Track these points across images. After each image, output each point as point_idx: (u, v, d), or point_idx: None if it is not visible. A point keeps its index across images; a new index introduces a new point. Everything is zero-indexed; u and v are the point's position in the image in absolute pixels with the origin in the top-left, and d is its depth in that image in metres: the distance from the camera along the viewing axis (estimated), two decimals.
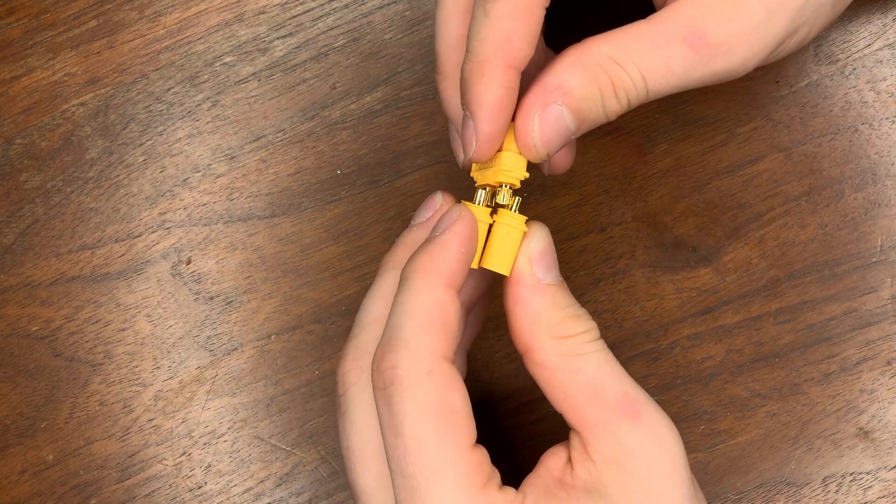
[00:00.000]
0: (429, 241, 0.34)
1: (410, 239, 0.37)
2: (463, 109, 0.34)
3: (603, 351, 0.34)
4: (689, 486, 0.33)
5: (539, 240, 0.35)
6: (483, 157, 0.34)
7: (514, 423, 0.44)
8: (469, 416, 0.32)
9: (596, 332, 0.34)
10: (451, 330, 0.32)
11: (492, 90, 0.33)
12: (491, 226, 0.35)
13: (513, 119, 0.35)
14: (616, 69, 0.33)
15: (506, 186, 0.35)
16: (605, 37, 0.34)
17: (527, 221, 0.35)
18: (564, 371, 0.33)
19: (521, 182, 0.36)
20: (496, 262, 0.35)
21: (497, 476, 0.33)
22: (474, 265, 0.35)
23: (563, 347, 0.34)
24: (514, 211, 0.35)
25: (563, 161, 0.38)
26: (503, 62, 0.33)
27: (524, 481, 0.34)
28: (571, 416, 0.34)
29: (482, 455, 0.32)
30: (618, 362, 0.34)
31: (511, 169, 0.35)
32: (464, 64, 0.34)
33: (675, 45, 0.33)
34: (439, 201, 0.38)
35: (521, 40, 0.33)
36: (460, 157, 0.37)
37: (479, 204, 0.35)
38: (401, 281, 0.33)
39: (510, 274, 0.35)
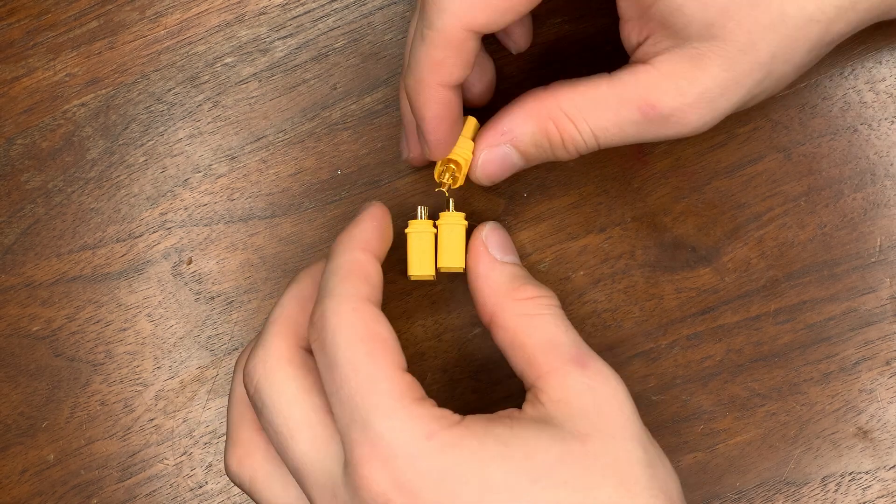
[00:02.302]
0: (346, 227, 0.37)
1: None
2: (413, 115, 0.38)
3: (560, 315, 0.37)
4: (640, 427, 0.35)
5: (491, 228, 0.39)
6: (437, 157, 0.38)
7: None
8: (397, 345, 0.34)
9: (555, 299, 0.37)
10: (373, 280, 0.35)
11: (429, 106, 0.36)
12: (436, 234, 0.39)
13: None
14: (568, 125, 0.37)
15: (450, 170, 0.39)
16: (565, 90, 0.37)
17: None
18: (525, 329, 0.36)
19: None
20: (449, 259, 0.39)
21: (432, 401, 0.34)
22: (431, 271, 0.39)
23: (523, 308, 0.37)
24: (451, 210, 0.39)
25: (522, 42, 0.42)
26: (436, 82, 0.35)
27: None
28: (528, 370, 0.36)
29: (414, 380, 0.34)
30: (574, 328, 0.37)
31: (456, 150, 0.39)
32: (404, 77, 0.36)
33: (629, 111, 0.36)
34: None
35: (452, 65, 0.35)
36: (404, 154, 0.41)
37: (420, 219, 0.39)
38: (327, 260, 0.36)
39: (467, 261, 0.38)
